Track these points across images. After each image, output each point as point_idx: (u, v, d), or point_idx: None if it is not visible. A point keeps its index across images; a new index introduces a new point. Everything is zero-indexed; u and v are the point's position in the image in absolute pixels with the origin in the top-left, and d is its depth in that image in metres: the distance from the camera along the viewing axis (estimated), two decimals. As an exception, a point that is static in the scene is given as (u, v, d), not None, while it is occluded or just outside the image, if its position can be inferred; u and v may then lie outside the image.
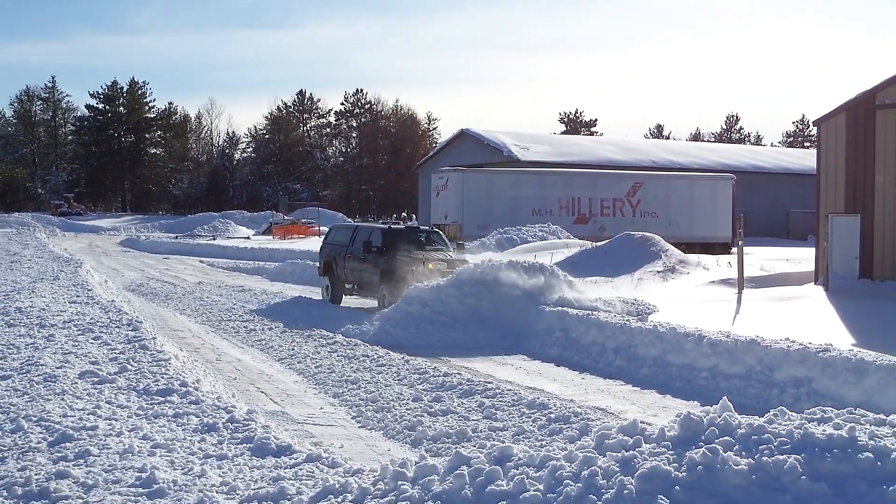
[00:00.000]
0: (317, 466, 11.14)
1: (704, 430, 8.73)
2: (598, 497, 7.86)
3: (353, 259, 30.68)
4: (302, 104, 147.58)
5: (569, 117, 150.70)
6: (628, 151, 76.98)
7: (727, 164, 74.46)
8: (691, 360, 18.73)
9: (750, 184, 70.14)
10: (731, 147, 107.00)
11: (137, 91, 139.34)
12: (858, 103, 32.24)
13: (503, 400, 15.66)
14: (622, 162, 70.68)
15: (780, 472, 8.11)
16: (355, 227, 32.79)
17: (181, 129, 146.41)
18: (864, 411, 9.74)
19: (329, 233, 35.73)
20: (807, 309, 25.81)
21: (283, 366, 19.76)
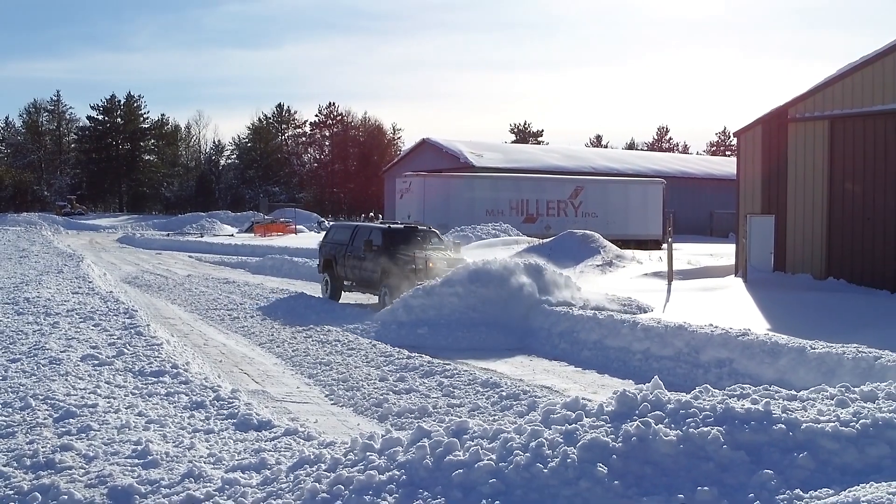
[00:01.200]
0: (294, 439, 11.14)
1: (638, 406, 8.76)
2: (544, 465, 7.87)
3: (353, 257, 28.52)
4: (280, 116, 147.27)
5: (518, 128, 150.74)
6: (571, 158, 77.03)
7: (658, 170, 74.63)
8: (627, 343, 18.79)
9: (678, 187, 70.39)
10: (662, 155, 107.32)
11: (133, 104, 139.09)
12: (773, 117, 32.43)
13: (460, 380, 15.68)
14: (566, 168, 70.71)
15: (705, 442, 8.16)
16: (355, 227, 30.30)
17: (172, 137, 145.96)
18: (777, 388, 9.82)
19: (328, 231, 33.17)
20: (728, 298, 25.96)
21: (264, 350, 19.71)
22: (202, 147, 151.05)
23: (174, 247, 62.12)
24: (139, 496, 8.94)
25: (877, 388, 9.52)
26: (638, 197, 60.61)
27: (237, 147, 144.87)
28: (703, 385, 9.72)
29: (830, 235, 30.40)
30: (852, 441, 8.20)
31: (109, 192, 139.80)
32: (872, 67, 29.37)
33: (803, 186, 31.30)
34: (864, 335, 17.90)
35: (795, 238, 31.35)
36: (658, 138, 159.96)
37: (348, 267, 28.82)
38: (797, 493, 7.55)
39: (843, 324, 20.45)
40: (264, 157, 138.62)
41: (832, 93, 30.56)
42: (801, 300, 25.03)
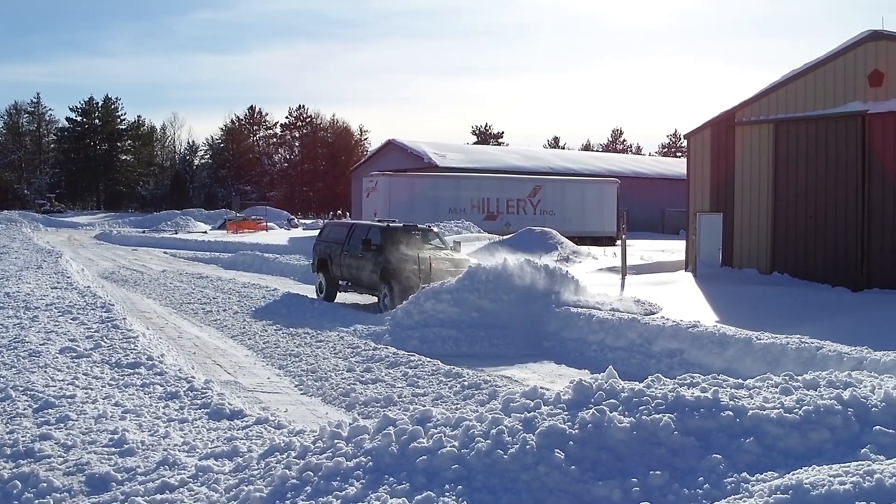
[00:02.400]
0: (265, 428, 11.13)
1: (594, 394, 8.78)
2: (504, 452, 7.88)
3: (349, 257, 26.60)
4: (252, 118, 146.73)
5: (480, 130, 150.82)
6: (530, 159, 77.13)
7: (613, 170, 74.89)
8: (583, 335, 18.85)
9: (632, 187, 70.66)
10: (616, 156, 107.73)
11: (111, 106, 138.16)
12: (721, 120, 32.60)
13: (424, 370, 15.70)
14: (525, 168, 70.80)
15: (657, 428, 8.19)
16: (351, 225, 28.62)
17: (148, 138, 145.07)
18: (725, 377, 9.87)
19: (323, 230, 30.71)
20: (679, 291, 26.07)
21: (236, 342, 19.64)
22: (177, 147, 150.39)
23: (150, 243, 61.74)
24: (116, 483, 8.91)
25: (818, 377, 9.59)
26: (593, 196, 60.79)
27: (210, 147, 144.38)
28: (655, 374, 9.76)
29: (775, 233, 30.61)
30: (796, 427, 8.27)
31: (87, 190, 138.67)
32: (814, 74, 29.60)
33: (750, 186, 31.50)
34: (806, 327, 18.03)
35: (742, 235, 31.54)
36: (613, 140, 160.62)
37: (344, 267, 27.03)
38: (744, 476, 7.60)
39: (786, 316, 20.60)
40: (236, 157, 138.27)
41: (777, 98, 30.78)
42: (747, 294, 25.19)
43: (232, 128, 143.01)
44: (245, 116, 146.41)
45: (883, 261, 27.36)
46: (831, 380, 9.48)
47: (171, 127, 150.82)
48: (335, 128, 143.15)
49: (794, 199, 30.14)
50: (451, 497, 7.39)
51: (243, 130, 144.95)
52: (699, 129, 33.62)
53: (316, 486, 7.85)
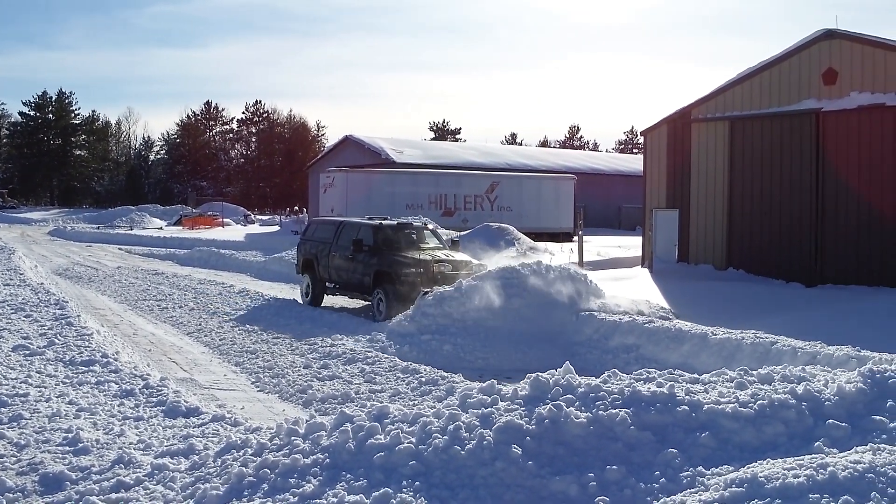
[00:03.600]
0: (221, 425, 11.10)
1: (551, 390, 8.82)
2: (461, 447, 7.89)
3: (339, 258, 24.45)
4: (208, 113, 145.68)
5: (437, 126, 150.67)
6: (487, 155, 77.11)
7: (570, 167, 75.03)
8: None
9: (588, 183, 70.81)
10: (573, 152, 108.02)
11: (64, 100, 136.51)
12: (677, 117, 32.82)
13: (381, 366, 15.68)
14: (482, 164, 70.79)
15: (614, 423, 8.24)
16: (340, 223, 26.02)
17: (103, 133, 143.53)
18: (681, 372, 9.96)
19: (308, 228, 28.53)
20: (635, 287, 26.18)
21: (192, 339, 19.53)
22: (132, 143, 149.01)
23: (104, 239, 61.21)
24: (70, 482, 8.85)
25: (773, 371, 9.68)
26: (550, 192, 60.90)
27: (166, 143, 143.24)
28: (612, 370, 9.81)
29: (730, 229, 30.86)
30: (750, 421, 8.35)
31: (41, 186, 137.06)
32: (770, 72, 29.87)
33: (705, 183, 31.74)
34: (761, 322, 18.19)
35: (698, 231, 31.78)
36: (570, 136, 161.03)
37: (333, 268, 24.86)
38: (699, 470, 7.67)
39: (741, 311, 20.77)
40: (192, 152, 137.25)
41: (732, 95, 31.03)
42: (703, 289, 25.38)
43: (188, 123, 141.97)
44: (201, 111, 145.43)
45: (836, 256, 27.67)
46: (786, 374, 9.57)
47: (127, 122, 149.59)
48: (292, 123, 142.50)
49: (749, 195, 30.42)
50: (409, 493, 7.39)
51: (199, 126, 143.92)
52: (656, 125, 33.83)
53: (273, 484, 7.83)
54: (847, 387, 8.83)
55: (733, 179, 30.87)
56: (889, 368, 9.30)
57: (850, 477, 7.06)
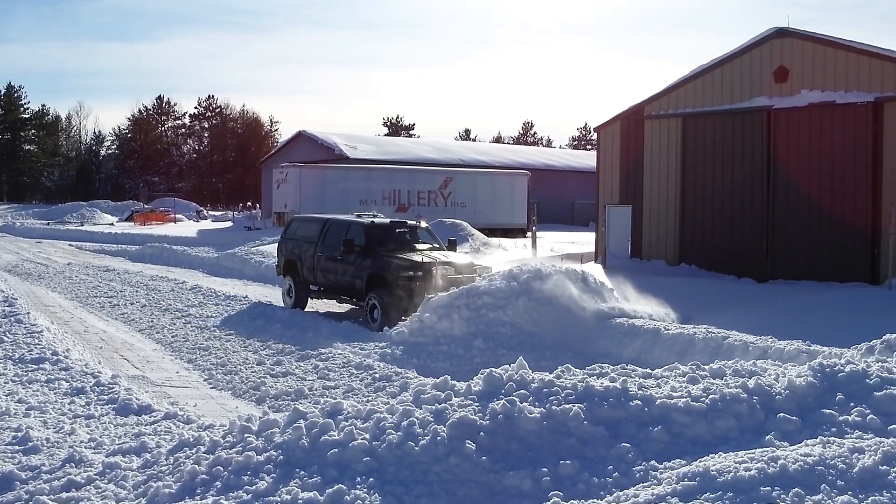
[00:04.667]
0: (174, 423, 11.05)
1: (504, 385, 8.84)
2: (415, 443, 7.90)
3: (326, 259, 22.67)
4: (160, 108, 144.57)
5: (391, 122, 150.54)
6: (441, 151, 77.09)
7: (523, 163, 75.16)
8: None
9: (542, 179, 71.00)
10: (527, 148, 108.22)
11: (13, 94, 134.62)
12: (630, 114, 33.02)
13: (335, 363, 15.65)
14: (436, 160, 70.74)
15: (567, 418, 8.28)
16: (326, 221, 23.99)
17: (53, 128, 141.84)
18: (634, 367, 10.02)
19: (290, 226, 25.91)
20: (588, 283, 26.28)
21: (144, 336, 19.39)
22: (83, 137, 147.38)
23: (54, 235, 60.60)
24: (20, 482, 8.74)
25: (724, 366, 9.77)
26: (504, 188, 60.99)
27: (118, 138, 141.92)
28: (566, 365, 9.86)
29: (682, 224, 31.11)
30: (702, 415, 8.42)
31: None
32: (722, 69, 30.13)
33: (658, 179, 31.96)
34: (712, 317, 18.35)
35: (650, 227, 32.00)
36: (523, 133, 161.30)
37: (319, 270, 23.02)
38: (652, 464, 7.73)
39: (693, 306, 20.92)
40: (144, 147, 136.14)
41: (685, 92, 31.26)
42: (655, 285, 25.50)
43: (139, 118, 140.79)
44: (153, 106, 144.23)
45: (787, 252, 27.98)
46: (737, 369, 9.67)
47: (77, 116, 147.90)
48: (245, 119, 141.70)
49: (701, 191, 30.68)
50: (363, 490, 7.38)
51: (151, 121, 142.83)
52: (609, 122, 34.01)
53: (226, 481, 7.79)
54: (797, 381, 8.93)
55: (685, 176, 31.13)
56: (838, 363, 9.41)
57: (801, 470, 7.15)
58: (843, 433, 8.12)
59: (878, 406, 8.56)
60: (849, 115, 27.09)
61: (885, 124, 26.45)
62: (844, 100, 27.07)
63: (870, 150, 26.62)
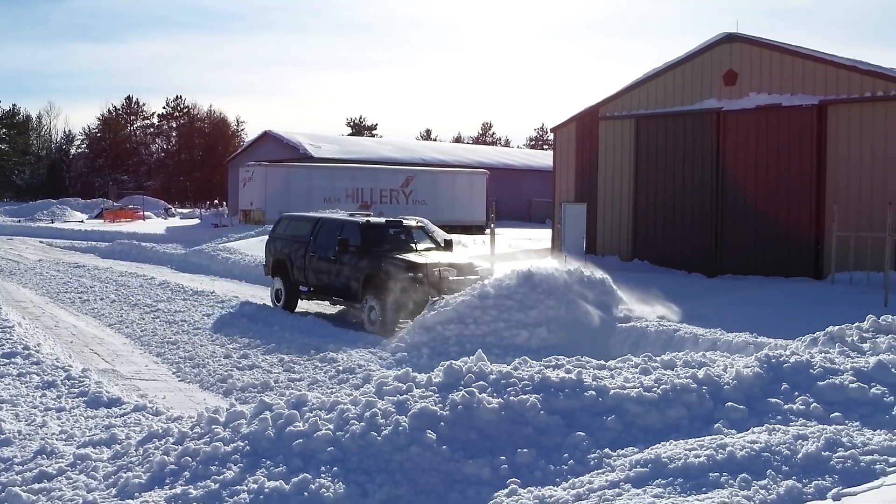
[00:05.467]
0: (143, 415, 10.99)
1: (464, 377, 8.87)
2: (378, 433, 7.91)
3: (318, 259, 21.21)
4: (129, 107, 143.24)
5: (354, 122, 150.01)
6: (403, 150, 77.00)
7: (482, 162, 75.24)
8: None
9: (500, 178, 71.10)
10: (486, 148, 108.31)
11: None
12: (585, 115, 33.14)
13: (301, 356, 15.62)
14: (398, 159, 70.65)
15: (524, 408, 8.33)
16: (317, 220, 22.52)
17: (23, 127, 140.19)
18: (588, 358, 10.08)
19: (278, 225, 24.18)
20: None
21: (114, 330, 19.24)
22: (53, 136, 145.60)
23: (25, 232, 59.92)
24: (-8, 473, 8.66)
25: (675, 357, 9.86)
26: (464, 186, 61.08)
27: (87, 137, 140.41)
28: (522, 357, 9.90)
29: (635, 222, 31.28)
30: (654, 404, 8.50)
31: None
32: (674, 73, 30.32)
33: (612, 178, 32.12)
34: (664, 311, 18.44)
35: (605, 224, 32.15)
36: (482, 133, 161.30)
37: (311, 270, 21.53)
38: (606, 451, 7.80)
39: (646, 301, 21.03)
40: (113, 146, 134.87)
41: (638, 95, 31.43)
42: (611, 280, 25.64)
43: (109, 118, 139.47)
44: (122, 106, 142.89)
45: (735, 248, 28.23)
46: (687, 360, 9.76)
47: (48, 116, 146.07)
48: (212, 119, 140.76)
49: (653, 190, 30.87)
50: (327, 478, 7.39)
51: (120, 120, 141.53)
52: (565, 123, 34.12)
53: (194, 471, 7.77)
54: (745, 371, 9.03)
55: (638, 175, 31.30)
56: (784, 354, 9.53)
57: (748, 456, 7.25)
58: (788, 421, 8.24)
59: (821, 395, 8.68)
60: (794, 117, 27.36)
61: (829, 126, 26.75)
62: (790, 102, 27.34)
63: (814, 151, 26.91)
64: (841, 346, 10.10)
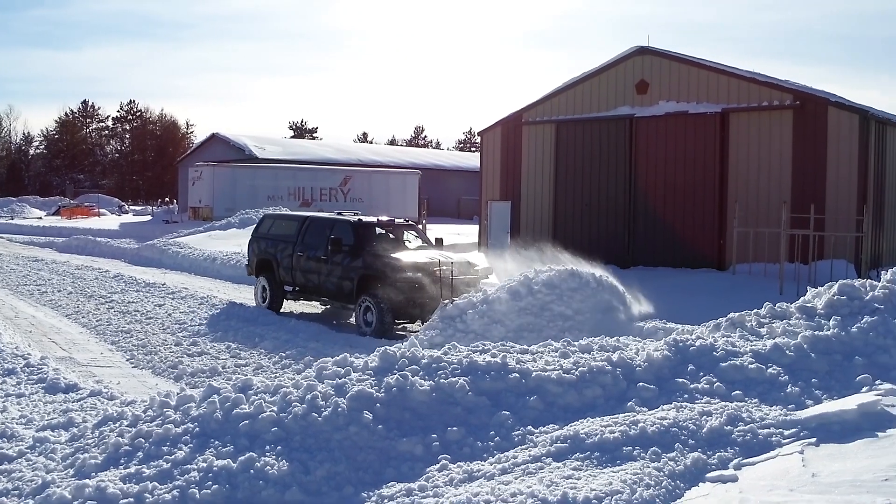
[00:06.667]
0: (99, 400, 10.86)
1: (398, 361, 8.87)
2: (318, 414, 7.89)
3: (307, 259, 19.42)
4: (85, 111, 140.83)
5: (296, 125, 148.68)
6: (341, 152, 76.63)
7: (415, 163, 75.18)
8: None
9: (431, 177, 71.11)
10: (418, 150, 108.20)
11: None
12: (510, 120, 33.27)
13: (246, 343, 15.55)
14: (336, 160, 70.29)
15: (454, 390, 8.35)
16: (304, 218, 20.67)
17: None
18: (513, 343, 10.13)
19: (261, 223, 22.28)
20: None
21: (70, 320, 18.95)
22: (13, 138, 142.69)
23: (-15, 229, 58.89)
24: (-48, 459, 8.48)
25: (592, 342, 9.95)
26: (397, 185, 61.04)
27: (46, 138, 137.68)
28: (451, 343, 9.93)
29: (556, 217, 31.48)
30: (573, 385, 8.57)
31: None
32: (591, 82, 30.56)
33: (534, 178, 32.29)
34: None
35: (528, 220, 32.30)
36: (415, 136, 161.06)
37: (298, 270, 19.70)
38: (529, 429, 7.85)
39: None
40: (70, 147, 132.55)
41: (558, 101, 31.62)
42: (532, 271, 25.76)
43: (66, 120, 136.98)
44: (78, 110, 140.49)
45: (646, 242, 28.56)
46: (602, 344, 9.85)
47: (8, 118, 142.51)
48: (163, 122, 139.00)
49: (572, 189, 31.11)
50: (272, 457, 7.35)
51: (77, 123, 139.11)
52: (491, 127, 34.22)
53: (147, 452, 7.68)
54: (655, 354, 9.14)
55: (558, 175, 31.53)
56: (690, 338, 9.68)
57: (658, 431, 7.36)
58: (694, 399, 8.37)
59: (724, 375, 8.83)
60: (699, 123, 27.75)
61: (730, 131, 27.19)
62: (696, 110, 27.74)
63: (717, 154, 27.32)
64: (741, 331, 10.27)
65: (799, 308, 10.53)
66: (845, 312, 10.09)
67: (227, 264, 28.20)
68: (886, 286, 10.47)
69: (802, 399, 8.35)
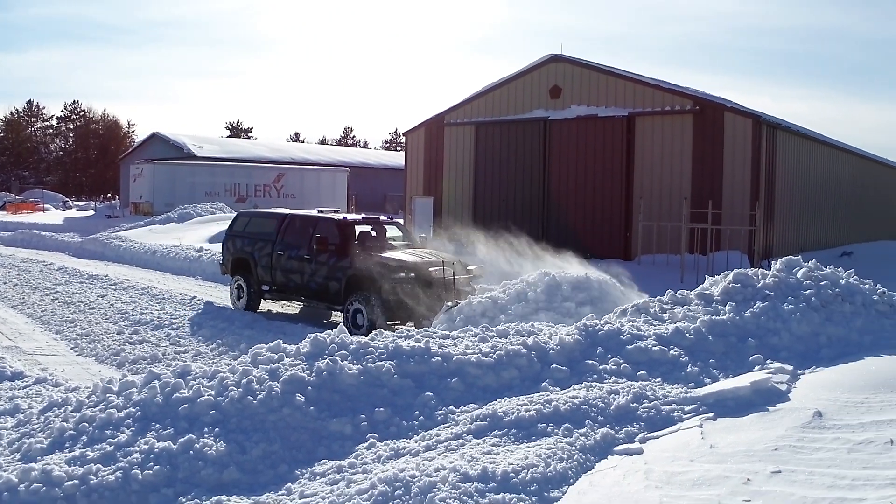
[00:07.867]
0: (44, 387, 10.62)
1: (328, 346, 8.83)
2: (254, 397, 7.82)
3: (288, 258, 17.56)
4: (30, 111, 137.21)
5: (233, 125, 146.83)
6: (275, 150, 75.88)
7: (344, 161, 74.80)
8: None
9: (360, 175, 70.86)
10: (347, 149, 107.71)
11: None
12: (433, 121, 33.31)
13: (185, 331, 15.33)
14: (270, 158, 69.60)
15: (380, 373, 8.34)
16: (284, 216, 18.61)
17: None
18: (435, 329, 10.15)
19: (236, 221, 19.95)
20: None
21: (16, 311, 18.47)
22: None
23: (-70, 225, 57.11)
24: None
25: (508, 328, 10.01)
26: (328, 182, 60.75)
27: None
28: (378, 329, 9.92)
29: (475, 213, 31.62)
30: (491, 367, 8.61)
31: None
32: (508, 87, 30.73)
33: (455, 175, 32.39)
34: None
35: (449, 214, 32.37)
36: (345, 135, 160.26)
37: (279, 270, 17.82)
38: (451, 409, 7.87)
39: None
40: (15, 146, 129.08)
41: (478, 105, 31.74)
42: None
43: (11, 119, 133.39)
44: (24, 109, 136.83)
45: (559, 235, 28.80)
46: (518, 330, 9.91)
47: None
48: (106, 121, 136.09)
49: (490, 186, 31.27)
50: (210, 438, 7.27)
51: (22, 122, 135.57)
52: (415, 128, 34.23)
53: (91, 435, 7.54)
54: (567, 338, 9.23)
55: (477, 173, 31.68)
56: (599, 323, 9.79)
57: (570, 409, 7.44)
58: (603, 379, 8.47)
59: (630, 357, 8.95)
60: (608, 126, 28.10)
61: (636, 133, 27.60)
62: (605, 114, 28.09)
63: (624, 154, 27.71)
64: (646, 317, 10.41)
65: (698, 295, 10.71)
66: (739, 299, 10.30)
67: (166, 257, 27.77)
68: (776, 275, 10.70)
69: (701, 378, 8.50)
